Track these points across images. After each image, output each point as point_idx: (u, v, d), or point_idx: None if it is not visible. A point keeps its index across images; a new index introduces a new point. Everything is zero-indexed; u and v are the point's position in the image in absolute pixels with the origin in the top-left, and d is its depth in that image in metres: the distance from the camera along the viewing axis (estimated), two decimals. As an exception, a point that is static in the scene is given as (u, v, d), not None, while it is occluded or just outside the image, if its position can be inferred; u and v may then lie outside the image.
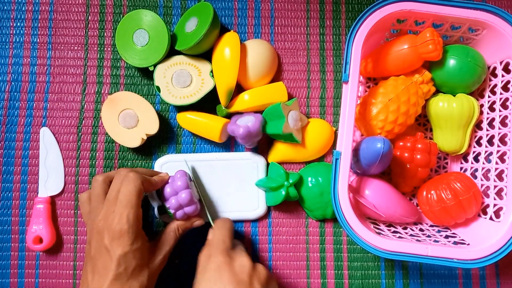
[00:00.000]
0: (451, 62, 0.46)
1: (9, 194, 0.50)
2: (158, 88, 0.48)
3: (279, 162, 0.50)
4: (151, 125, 0.48)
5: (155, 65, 0.48)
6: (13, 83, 0.51)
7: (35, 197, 0.49)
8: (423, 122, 0.52)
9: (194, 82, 0.48)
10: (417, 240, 0.43)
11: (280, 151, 0.50)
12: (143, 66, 0.48)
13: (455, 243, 0.44)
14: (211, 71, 0.48)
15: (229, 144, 0.51)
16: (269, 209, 0.51)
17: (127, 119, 0.47)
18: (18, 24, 0.52)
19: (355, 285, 0.50)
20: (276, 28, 0.53)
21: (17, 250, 0.49)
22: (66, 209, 0.50)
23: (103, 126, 0.50)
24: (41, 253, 0.49)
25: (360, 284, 0.50)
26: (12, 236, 0.49)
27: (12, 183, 0.50)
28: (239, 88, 0.51)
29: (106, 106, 0.48)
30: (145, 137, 0.48)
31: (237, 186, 0.50)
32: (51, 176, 0.50)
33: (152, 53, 0.47)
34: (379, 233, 0.43)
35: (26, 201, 0.50)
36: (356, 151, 0.45)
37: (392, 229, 0.47)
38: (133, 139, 0.48)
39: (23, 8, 0.52)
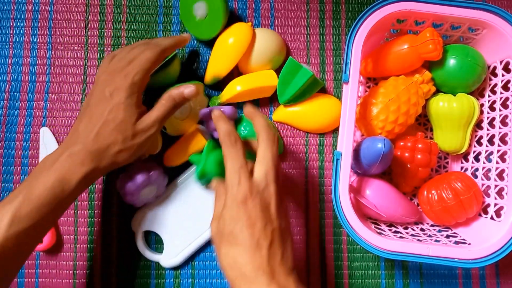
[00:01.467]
0: (451, 61, 0.46)
1: (9, 194, 0.50)
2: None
3: (282, 122, 0.51)
4: (153, 146, 0.47)
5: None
6: (13, 83, 0.51)
7: (35, 197, 0.49)
8: (423, 122, 0.52)
9: None
10: (418, 240, 0.43)
11: (283, 112, 0.50)
12: (202, 39, 0.50)
13: (456, 242, 0.44)
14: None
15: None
16: None
17: None
18: (18, 24, 0.52)
19: (355, 285, 0.50)
20: (276, 28, 0.53)
21: (17, 250, 0.49)
22: (66, 209, 0.50)
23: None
24: (41, 253, 0.49)
25: (360, 284, 0.50)
26: (12, 236, 0.49)
27: (12, 183, 0.50)
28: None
29: None
30: (146, 156, 0.48)
31: (212, 193, 0.49)
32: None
33: (210, 26, 0.49)
34: (380, 233, 0.43)
35: (26, 201, 0.50)
36: (356, 151, 0.45)
37: (393, 229, 0.47)
38: None
39: (23, 8, 0.52)
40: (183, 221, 0.49)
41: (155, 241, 0.50)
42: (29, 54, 0.51)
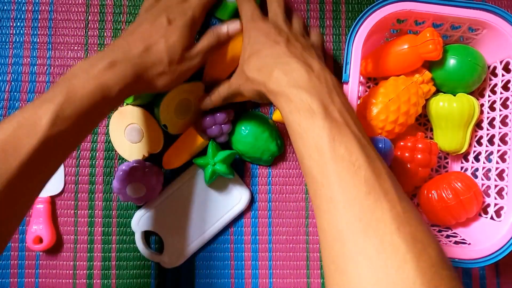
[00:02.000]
0: (451, 61, 0.46)
1: (9, 194, 0.50)
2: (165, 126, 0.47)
3: (281, 122, 0.50)
4: (155, 144, 0.48)
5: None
6: (13, 83, 0.51)
7: (35, 197, 0.49)
8: (423, 121, 0.52)
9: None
10: None
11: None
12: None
13: (456, 242, 0.44)
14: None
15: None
16: (252, 196, 0.50)
17: (133, 133, 0.47)
18: (18, 24, 0.52)
19: (355, 285, 0.50)
20: (276, 28, 0.53)
21: (17, 250, 0.49)
22: (66, 209, 0.50)
23: (103, 126, 0.50)
24: (41, 253, 0.49)
25: (360, 284, 0.50)
26: (13, 236, 0.49)
27: (12, 183, 0.50)
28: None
29: (114, 117, 0.48)
30: (146, 154, 0.48)
31: (212, 191, 0.49)
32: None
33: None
34: None
35: (26, 201, 0.50)
36: None
37: None
38: (134, 154, 0.48)
39: (23, 8, 0.52)
40: (183, 221, 0.49)
41: (155, 241, 0.50)
42: (29, 54, 0.51)
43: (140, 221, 0.48)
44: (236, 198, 0.49)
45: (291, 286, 0.50)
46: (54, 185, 0.50)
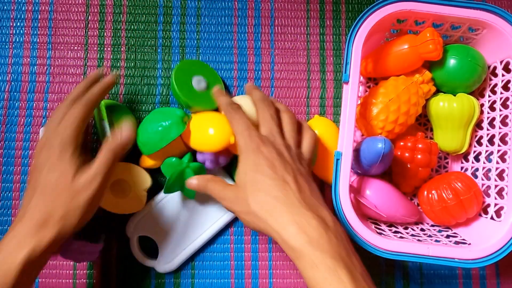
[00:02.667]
0: (452, 61, 0.46)
1: (9, 194, 0.50)
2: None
3: None
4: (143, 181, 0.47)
5: None
6: (13, 83, 0.51)
7: (35, 197, 0.49)
8: (423, 122, 0.52)
9: None
10: (418, 240, 0.43)
11: None
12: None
13: (456, 242, 0.44)
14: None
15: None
16: None
17: None
18: (18, 24, 0.52)
19: (355, 285, 0.50)
20: (276, 28, 0.53)
21: (17, 250, 0.49)
22: (66, 209, 0.50)
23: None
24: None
25: (360, 284, 0.50)
26: (12, 236, 0.49)
27: (12, 183, 0.50)
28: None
29: None
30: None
31: (206, 194, 0.49)
32: (51, 176, 0.50)
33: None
34: (380, 233, 0.43)
35: (26, 201, 0.50)
36: (356, 151, 0.45)
37: (393, 229, 0.47)
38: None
39: (23, 8, 0.52)
40: (177, 226, 0.48)
41: (150, 246, 0.49)
42: (29, 54, 0.51)
43: (135, 226, 0.48)
44: (222, 209, 0.49)
45: (291, 286, 0.50)
46: (54, 185, 0.49)
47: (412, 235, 0.45)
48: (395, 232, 0.46)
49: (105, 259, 0.49)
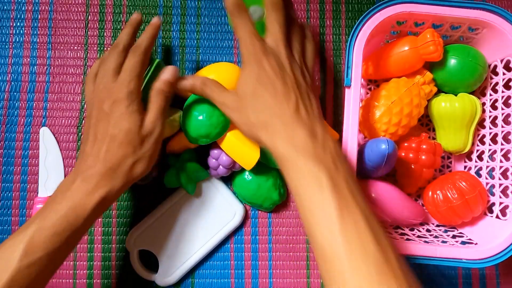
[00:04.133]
0: (452, 62, 0.46)
1: (9, 194, 0.50)
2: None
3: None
4: None
5: None
6: (13, 83, 0.51)
7: (35, 197, 0.49)
8: (425, 122, 0.52)
9: None
10: (425, 242, 0.43)
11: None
12: None
13: (463, 243, 0.44)
14: None
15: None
16: (247, 211, 0.50)
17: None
18: (18, 24, 0.52)
19: (355, 285, 0.50)
20: (276, 28, 0.53)
21: (17, 250, 0.49)
22: (66, 209, 0.50)
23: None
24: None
25: (360, 284, 0.50)
26: (12, 236, 0.49)
27: (12, 183, 0.50)
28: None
29: None
30: None
31: (206, 208, 0.49)
32: (51, 176, 0.50)
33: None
34: None
35: (26, 201, 0.50)
36: (360, 154, 0.44)
37: (399, 230, 0.46)
38: None
39: (23, 8, 0.52)
40: (177, 240, 0.48)
41: (149, 260, 0.49)
42: (29, 54, 0.51)
43: (135, 240, 0.48)
44: (230, 214, 0.49)
45: (291, 286, 0.50)
46: (54, 185, 0.50)
47: (419, 236, 0.45)
48: (402, 234, 0.46)
49: (105, 259, 0.49)
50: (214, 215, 0.49)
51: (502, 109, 0.45)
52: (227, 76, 0.48)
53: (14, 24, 0.52)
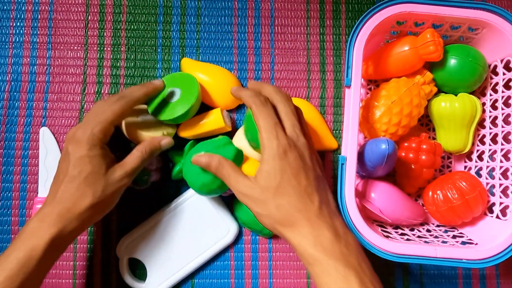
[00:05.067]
0: (452, 62, 0.46)
1: (9, 194, 0.50)
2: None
3: None
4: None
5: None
6: (13, 83, 0.51)
7: (35, 197, 0.49)
8: (425, 122, 0.52)
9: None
10: (425, 242, 0.43)
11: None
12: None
13: (463, 243, 0.44)
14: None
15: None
16: (240, 229, 0.50)
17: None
18: (18, 24, 0.52)
19: (355, 285, 0.50)
20: (276, 28, 0.53)
21: (17, 250, 0.49)
22: (66, 209, 0.50)
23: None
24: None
25: (360, 284, 0.50)
26: (12, 236, 0.49)
27: (12, 183, 0.50)
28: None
29: None
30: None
31: (200, 222, 0.48)
32: (51, 176, 0.50)
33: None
34: (387, 237, 0.43)
35: (26, 201, 0.50)
36: (360, 154, 0.44)
37: (400, 231, 0.46)
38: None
39: (23, 8, 0.52)
40: (169, 251, 0.48)
41: (138, 268, 0.48)
42: (29, 54, 0.51)
43: (126, 247, 0.47)
44: (223, 231, 0.48)
45: (291, 286, 0.50)
46: (54, 185, 0.50)
47: (419, 236, 0.45)
48: (402, 234, 0.46)
49: (105, 259, 0.49)
50: (207, 231, 0.48)
51: (502, 109, 0.45)
52: (221, 80, 0.49)
53: (14, 24, 0.52)
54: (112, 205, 0.41)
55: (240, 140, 0.47)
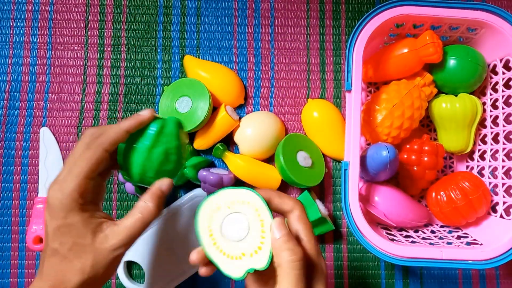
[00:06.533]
0: (452, 62, 0.46)
1: (9, 194, 0.50)
2: None
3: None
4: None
5: None
6: (13, 83, 0.51)
7: (35, 197, 0.49)
8: (426, 123, 0.52)
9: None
10: (430, 244, 0.43)
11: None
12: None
13: (468, 243, 0.44)
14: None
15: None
16: None
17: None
18: (18, 24, 0.52)
19: (355, 285, 0.50)
20: (276, 28, 0.53)
21: (17, 250, 0.49)
22: (66, 209, 0.50)
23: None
24: (41, 253, 0.49)
25: (360, 284, 0.50)
26: (12, 236, 0.49)
27: (12, 183, 0.50)
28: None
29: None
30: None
31: (192, 234, 0.48)
32: (51, 176, 0.50)
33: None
34: (392, 240, 0.43)
35: (26, 201, 0.50)
36: (362, 158, 0.44)
37: (404, 233, 0.46)
38: None
39: (23, 8, 0.52)
40: (167, 256, 0.47)
41: (136, 271, 0.48)
42: (29, 54, 0.51)
43: None
44: None
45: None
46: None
47: (424, 238, 0.45)
48: (406, 236, 0.45)
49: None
50: None
51: (503, 108, 0.45)
52: (224, 78, 0.50)
53: (14, 24, 0.52)
54: (109, 278, 0.33)
55: (240, 133, 0.48)
